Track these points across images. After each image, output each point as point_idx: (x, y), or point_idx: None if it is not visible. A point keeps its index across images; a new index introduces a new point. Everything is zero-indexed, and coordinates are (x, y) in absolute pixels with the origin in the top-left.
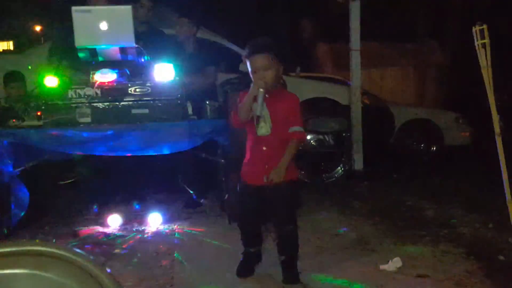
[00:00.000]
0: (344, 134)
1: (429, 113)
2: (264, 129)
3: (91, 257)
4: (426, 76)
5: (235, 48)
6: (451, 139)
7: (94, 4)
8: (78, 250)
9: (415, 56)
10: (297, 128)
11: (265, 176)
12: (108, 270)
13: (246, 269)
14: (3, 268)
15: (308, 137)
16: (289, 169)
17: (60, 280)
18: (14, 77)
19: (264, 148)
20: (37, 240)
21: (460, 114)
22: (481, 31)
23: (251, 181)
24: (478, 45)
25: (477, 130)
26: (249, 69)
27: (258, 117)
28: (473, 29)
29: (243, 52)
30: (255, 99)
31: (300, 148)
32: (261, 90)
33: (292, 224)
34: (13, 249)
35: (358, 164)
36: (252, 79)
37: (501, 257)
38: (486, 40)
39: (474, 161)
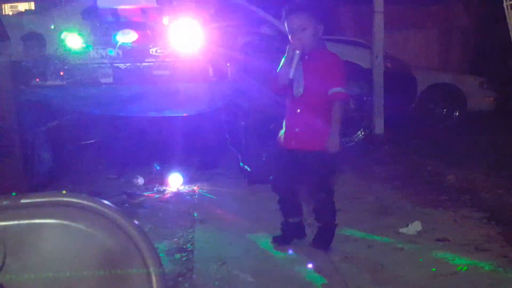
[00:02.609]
0: (365, 98)
1: (453, 78)
2: (296, 90)
3: (119, 208)
4: (451, 40)
5: (257, 10)
6: (474, 104)
7: None
8: (106, 202)
9: (439, 19)
10: (338, 89)
11: (293, 140)
12: (136, 222)
13: (282, 239)
14: (33, 218)
15: None
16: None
17: (89, 231)
18: (32, 38)
19: (298, 110)
20: (64, 191)
21: (484, 79)
22: None
23: (284, 144)
24: (506, 6)
25: (502, 95)
26: (287, 31)
27: (291, 80)
28: None
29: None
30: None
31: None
32: (297, 52)
33: (325, 192)
34: (43, 199)
35: (379, 128)
36: (290, 41)
37: None
38: None
39: (497, 126)
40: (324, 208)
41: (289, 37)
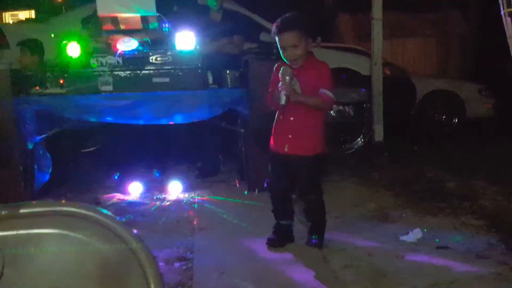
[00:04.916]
0: (364, 105)
1: (452, 85)
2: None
3: (118, 218)
4: (449, 47)
5: (256, 18)
6: (473, 111)
7: None
8: (105, 211)
9: (438, 26)
10: (325, 91)
11: (286, 145)
12: (135, 231)
13: (276, 241)
14: (32, 228)
15: None
16: (316, 144)
17: (88, 240)
18: (29, 46)
19: (292, 118)
20: (63, 201)
21: (483, 86)
22: None
23: (276, 149)
24: (504, 13)
25: (501, 102)
26: (278, 45)
27: (283, 106)
28: None
29: (271, 27)
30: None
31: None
32: (287, 78)
33: (314, 194)
34: (42, 209)
35: (379, 135)
36: (282, 55)
37: None
38: None
39: (496, 133)
40: (315, 208)
41: (280, 50)
